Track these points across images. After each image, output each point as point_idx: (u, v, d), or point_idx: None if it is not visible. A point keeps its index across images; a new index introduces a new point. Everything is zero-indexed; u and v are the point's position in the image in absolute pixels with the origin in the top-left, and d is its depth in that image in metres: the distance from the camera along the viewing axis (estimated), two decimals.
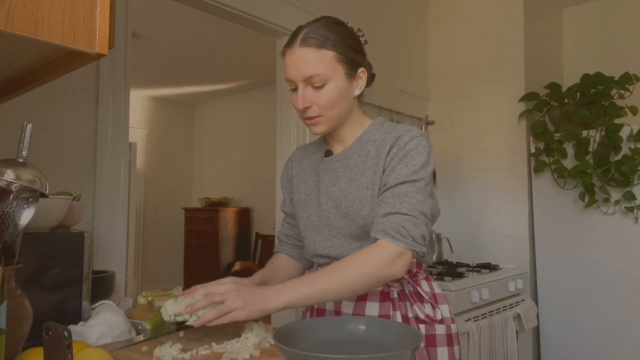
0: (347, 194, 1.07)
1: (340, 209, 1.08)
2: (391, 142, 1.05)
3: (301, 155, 1.25)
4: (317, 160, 1.18)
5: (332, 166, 1.13)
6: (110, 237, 1.74)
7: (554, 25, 3.23)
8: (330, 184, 1.11)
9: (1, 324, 0.64)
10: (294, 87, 1.06)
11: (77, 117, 1.70)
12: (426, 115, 3.23)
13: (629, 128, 2.50)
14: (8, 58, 0.79)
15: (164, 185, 6.38)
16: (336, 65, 1.03)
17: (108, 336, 0.99)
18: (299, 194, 1.19)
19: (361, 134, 1.12)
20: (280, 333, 0.84)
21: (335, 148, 1.16)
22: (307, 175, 1.19)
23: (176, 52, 4.58)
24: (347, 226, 1.08)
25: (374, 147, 1.08)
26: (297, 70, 1.02)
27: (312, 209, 1.14)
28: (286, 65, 1.05)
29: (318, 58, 1.01)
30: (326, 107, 1.04)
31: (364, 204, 1.05)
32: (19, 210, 0.75)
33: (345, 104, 1.07)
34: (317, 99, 1.03)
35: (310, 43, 1.01)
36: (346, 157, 1.12)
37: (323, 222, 1.11)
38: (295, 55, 1.02)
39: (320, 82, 1.02)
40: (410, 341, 0.81)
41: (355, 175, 1.08)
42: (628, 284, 2.50)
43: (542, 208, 2.80)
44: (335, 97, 1.03)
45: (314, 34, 1.02)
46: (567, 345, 2.68)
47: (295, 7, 2.36)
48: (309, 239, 1.15)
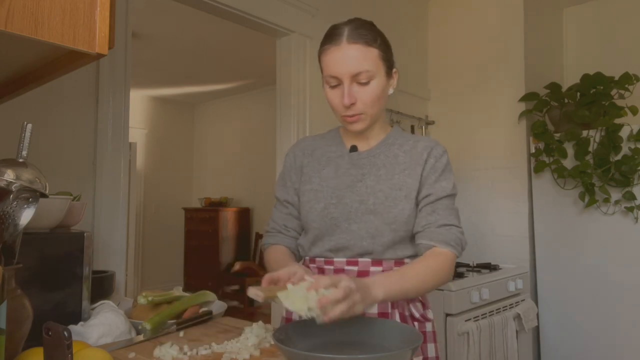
0: (375, 191, 1.09)
1: (367, 204, 1.09)
2: (426, 151, 1.13)
3: (312, 145, 1.23)
4: (335, 154, 1.18)
5: (358, 162, 1.15)
6: (110, 237, 1.74)
7: (554, 25, 3.23)
8: (356, 179, 1.12)
9: (1, 324, 0.64)
10: (335, 83, 1.07)
11: (77, 117, 1.70)
12: (426, 115, 3.23)
13: (629, 128, 2.50)
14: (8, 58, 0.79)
15: (164, 185, 6.37)
16: (380, 63, 1.07)
17: (108, 336, 0.99)
18: (311, 185, 1.17)
19: (386, 137, 1.17)
20: (280, 333, 0.84)
21: (360, 145, 1.17)
22: (321, 167, 1.18)
23: (176, 52, 4.58)
24: (369, 221, 1.08)
25: (401, 151, 1.14)
26: (345, 67, 1.04)
27: (329, 201, 1.12)
28: (329, 62, 1.06)
29: (366, 55, 1.04)
30: (370, 103, 1.07)
31: (396, 202, 1.08)
32: (19, 210, 0.75)
33: (384, 102, 1.12)
34: (362, 96, 1.06)
35: (357, 40, 1.04)
36: (373, 155, 1.15)
37: (344, 215, 1.10)
38: (342, 51, 1.04)
39: (366, 78, 1.05)
40: (410, 341, 0.81)
41: (384, 175, 1.11)
42: (628, 284, 2.50)
43: (542, 208, 2.80)
44: (378, 94, 1.07)
45: (359, 32, 1.05)
46: (567, 345, 2.68)
47: (295, 7, 2.36)
48: (325, 230, 1.12)
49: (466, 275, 2.39)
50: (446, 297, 2.13)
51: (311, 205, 1.14)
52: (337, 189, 1.13)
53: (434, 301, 2.16)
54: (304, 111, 2.40)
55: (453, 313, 2.13)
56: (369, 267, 1.10)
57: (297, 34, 2.36)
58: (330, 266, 1.12)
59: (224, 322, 1.17)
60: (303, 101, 2.39)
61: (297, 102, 2.37)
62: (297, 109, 2.37)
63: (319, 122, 2.42)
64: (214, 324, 1.16)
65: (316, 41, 2.47)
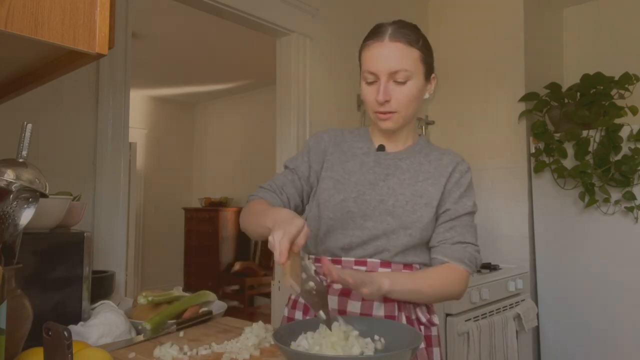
0: (397, 194, 1.10)
1: (386, 205, 1.09)
2: (452, 165, 1.14)
3: (340, 137, 1.22)
4: (361, 150, 1.18)
5: (384, 162, 1.15)
6: (110, 237, 1.74)
7: (554, 25, 3.23)
8: (379, 177, 1.13)
9: (1, 324, 0.64)
10: (372, 80, 1.07)
11: (77, 117, 1.70)
12: (426, 115, 3.23)
13: (629, 128, 2.50)
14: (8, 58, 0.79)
15: (164, 185, 6.37)
16: (419, 65, 1.07)
17: (108, 336, 0.99)
18: (332, 172, 1.15)
19: (414, 143, 1.18)
20: (280, 333, 0.84)
21: (387, 146, 1.18)
22: (346, 159, 1.17)
23: (176, 52, 4.58)
24: (386, 222, 1.08)
25: (426, 160, 1.15)
26: (385, 63, 1.04)
27: (348, 194, 1.11)
28: (370, 57, 1.07)
29: (407, 54, 1.05)
30: (404, 103, 1.07)
31: (416, 209, 1.09)
32: (19, 210, 0.75)
33: (419, 104, 1.11)
34: (398, 94, 1.06)
35: (400, 38, 1.05)
36: (399, 158, 1.15)
37: (361, 211, 1.10)
38: (384, 48, 1.05)
39: (404, 78, 1.05)
40: (410, 341, 0.81)
41: (408, 180, 1.12)
42: (628, 283, 2.50)
43: (542, 208, 2.80)
44: (413, 95, 1.07)
45: (402, 31, 1.06)
46: (567, 345, 2.68)
47: (295, 7, 2.36)
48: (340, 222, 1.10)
49: None
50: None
51: (330, 194, 1.12)
52: (359, 183, 1.12)
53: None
54: (304, 111, 2.40)
55: (453, 313, 2.13)
56: (377, 267, 1.09)
57: (297, 34, 2.36)
58: (338, 265, 1.10)
59: (224, 322, 1.17)
60: (303, 101, 2.39)
61: (297, 102, 2.37)
62: (297, 109, 2.37)
63: (319, 122, 2.42)
64: (214, 324, 1.16)
65: (316, 41, 2.49)
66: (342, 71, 2.56)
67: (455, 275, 1.06)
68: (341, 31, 2.58)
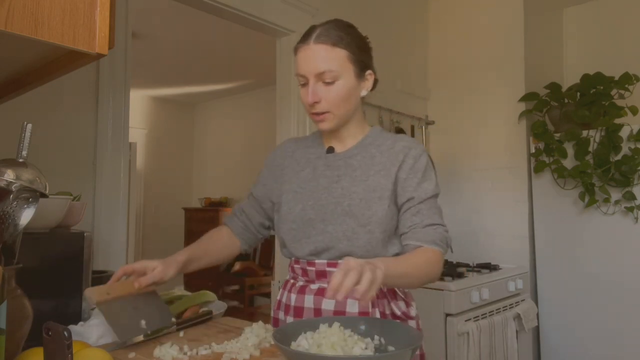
0: (351, 193, 1.10)
1: (342, 206, 1.10)
2: (403, 152, 1.12)
3: (293, 147, 1.26)
4: (314, 155, 1.20)
5: (334, 163, 1.16)
6: (110, 237, 1.74)
7: (554, 25, 3.23)
8: (332, 180, 1.14)
9: (1, 324, 0.64)
10: (304, 82, 1.09)
11: (77, 117, 1.70)
12: (426, 115, 3.23)
13: (629, 128, 2.50)
14: (8, 58, 0.79)
15: (164, 185, 6.37)
16: (347, 64, 1.07)
17: (108, 336, 0.99)
18: (290, 185, 1.19)
19: (363, 137, 1.17)
20: (280, 333, 0.84)
21: (336, 146, 1.19)
22: (300, 168, 1.20)
23: (176, 52, 4.58)
24: (345, 223, 1.09)
25: (378, 151, 1.14)
26: (310, 65, 1.06)
27: (307, 202, 1.14)
28: (298, 60, 1.09)
29: (331, 55, 1.06)
30: (335, 103, 1.08)
31: (370, 204, 1.09)
32: (19, 210, 0.75)
33: (353, 103, 1.12)
34: (327, 95, 1.07)
35: (324, 40, 1.06)
36: (349, 156, 1.15)
37: (320, 216, 1.12)
38: (309, 50, 1.07)
39: (331, 78, 1.06)
40: (410, 341, 0.81)
41: (360, 176, 1.12)
42: (628, 283, 2.50)
43: (542, 208, 2.79)
44: (344, 94, 1.08)
45: (328, 32, 1.07)
46: (567, 345, 2.68)
47: (295, 7, 2.36)
48: (301, 231, 1.14)
49: (466, 275, 2.38)
50: (446, 297, 2.13)
51: (290, 206, 1.16)
52: (315, 190, 1.14)
53: (433, 301, 2.16)
54: (304, 111, 2.39)
55: (453, 313, 2.13)
56: None
57: (297, 34, 2.35)
58: (312, 267, 1.13)
59: (224, 322, 1.17)
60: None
61: (297, 102, 2.37)
62: (297, 109, 2.37)
63: None
64: (214, 324, 1.16)
65: None
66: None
67: (432, 256, 1.05)
68: None
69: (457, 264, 2.76)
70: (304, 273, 1.15)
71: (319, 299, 1.11)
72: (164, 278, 1.06)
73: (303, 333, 0.85)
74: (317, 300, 1.12)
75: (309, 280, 1.15)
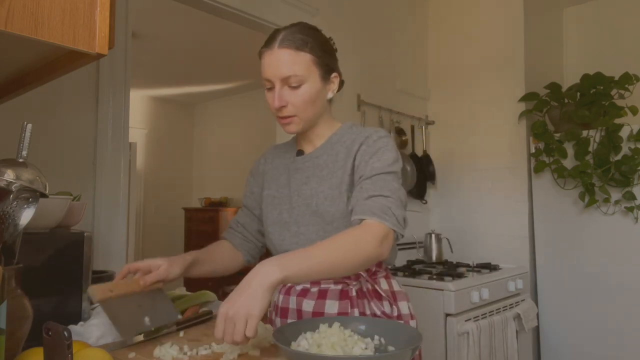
0: (317, 193, 1.11)
1: (311, 207, 1.11)
2: (360, 141, 1.10)
3: (273, 153, 1.29)
4: (288, 160, 1.22)
5: (303, 165, 1.17)
6: (110, 237, 1.74)
7: (554, 25, 3.23)
8: (301, 182, 1.15)
9: (1, 324, 0.64)
10: (270, 86, 1.10)
11: (77, 117, 1.70)
12: (426, 115, 3.23)
13: (629, 128, 2.50)
14: (8, 58, 0.79)
15: (164, 185, 6.37)
16: (312, 68, 1.08)
17: (108, 336, 0.99)
18: (270, 191, 1.21)
19: (331, 135, 1.18)
20: (280, 333, 0.84)
21: (306, 148, 1.20)
22: (279, 174, 1.22)
23: (176, 52, 4.58)
24: (316, 223, 1.10)
25: (343, 147, 1.13)
26: (275, 70, 1.07)
27: (283, 207, 1.16)
28: (263, 65, 1.10)
29: (296, 59, 1.06)
30: (301, 107, 1.08)
31: (333, 201, 1.09)
32: (19, 210, 0.75)
33: (319, 106, 1.12)
34: (293, 99, 1.07)
35: (288, 45, 1.06)
36: (316, 156, 1.16)
37: (293, 219, 1.13)
38: (274, 55, 1.07)
39: (297, 82, 1.06)
40: (410, 341, 0.81)
41: (326, 175, 1.12)
42: (628, 283, 2.50)
43: (542, 208, 2.79)
44: (310, 98, 1.08)
45: (292, 37, 1.07)
46: (567, 345, 2.68)
47: (295, 7, 2.36)
48: (277, 235, 1.16)
49: (466, 275, 2.38)
50: (446, 297, 2.13)
51: (268, 210, 1.19)
52: (288, 194, 1.16)
53: (433, 301, 2.16)
54: None
55: (453, 313, 2.13)
56: None
57: None
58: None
59: None
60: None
61: None
62: None
63: None
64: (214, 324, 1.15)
65: None
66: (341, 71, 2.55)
67: (364, 230, 0.94)
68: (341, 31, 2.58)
69: (457, 264, 2.76)
70: None
71: (300, 300, 1.14)
72: (169, 276, 1.06)
73: (303, 333, 0.85)
74: (299, 301, 1.14)
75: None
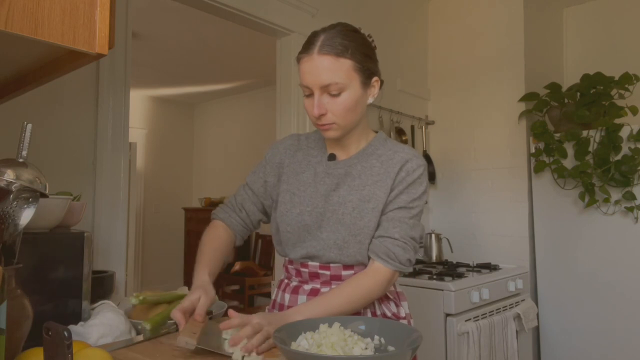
0: (346, 202, 1.09)
1: (337, 214, 1.09)
2: (400, 163, 1.11)
3: (295, 145, 1.23)
4: (315, 159, 1.18)
5: (334, 171, 1.14)
6: (110, 237, 1.74)
7: (554, 25, 3.23)
8: (330, 188, 1.12)
9: (1, 324, 0.64)
10: (308, 93, 1.06)
11: (77, 117, 1.70)
12: (426, 115, 3.23)
13: (629, 128, 2.50)
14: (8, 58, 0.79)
15: (164, 185, 6.37)
16: (353, 74, 1.04)
17: (108, 336, 0.99)
18: (289, 186, 1.17)
19: (365, 146, 1.15)
20: (280, 333, 0.84)
21: (338, 153, 1.17)
22: (301, 170, 1.18)
23: (176, 52, 4.58)
24: (338, 231, 1.09)
25: (378, 162, 1.12)
26: (315, 78, 1.03)
27: (304, 207, 1.13)
28: (302, 72, 1.05)
29: (336, 66, 1.02)
30: (341, 115, 1.05)
31: (363, 214, 1.08)
32: (19, 210, 0.75)
33: (359, 112, 1.09)
34: (333, 107, 1.04)
35: (328, 51, 1.02)
36: (349, 165, 1.13)
37: (316, 223, 1.11)
38: (313, 62, 1.03)
39: (337, 90, 1.03)
40: (410, 341, 0.81)
41: (357, 186, 1.11)
42: (628, 283, 2.50)
43: (542, 208, 2.79)
44: (350, 106, 1.05)
45: (331, 42, 1.02)
46: (567, 345, 2.68)
47: (295, 7, 2.36)
48: (296, 235, 1.13)
49: (466, 275, 2.38)
50: (446, 297, 2.13)
51: (287, 207, 1.15)
52: (313, 196, 1.13)
53: (433, 301, 2.16)
54: (304, 111, 2.39)
55: (453, 313, 2.13)
56: (340, 271, 1.11)
57: (297, 34, 2.36)
58: (306, 269, 1.14)
59: None
60: (303, 101, 2.39)
61: (297, 102, 2.37)
62: (297, 109, 2.37)
63: None
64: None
65: None
66: None
67: (371, 278, 1.05)
68: None
69: (457, 264, 2.76)
70: (297, 274, 1.16)
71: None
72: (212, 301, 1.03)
73: (303, 333, 0.85)
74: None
75: (303, 280, 1.15)
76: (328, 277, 1.11)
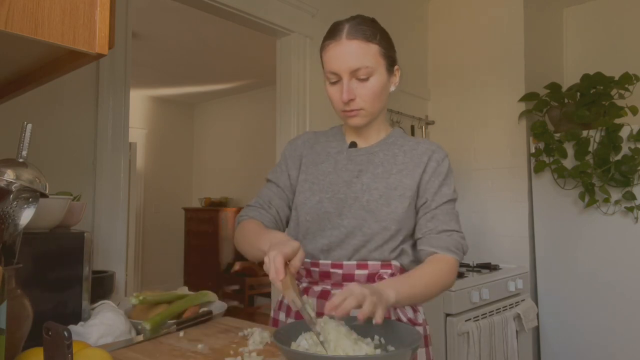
0: (371, 189, 1.09)
1: (361, 201, 1.09)
2: (427, 154, 1.13)
3: (312, 139, 1.24)
4: (334, 149, 1.19)
5: (356, 158, 1.15)
6: (110, 237, 1.74)
7: (554, 25, 3.23)
8: (352, 175, 1.13)
9: (1, 324, 0.64)
10: (334, 80, 1.07)
11: (77, 117, 1.70)
12: (426, 115, 3.23)
13: (629, 128, 2.50)
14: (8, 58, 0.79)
15: (164, 185, 6.37)
16: (380, 60, 1.06)
17: (108, 336, 0.99)
18: (307, 176, 1.17)
19: (386, 137, 1.17)
20: (280, 333, 0.84)
21: (358, 142, 1.18)
22: (320, 160, 1.18)
23: (176, 52, 4.58)
24: (361, 218, 1.08)
25: (400, 151, 1.14)
26: (344, 62, 1.04)
27: (323, 194, 1.12)
28: (329, 57, 1.07)
29: (365, 50, 1.04)
30: (369, 100, 1.07)
31: (390, 201, 1.08)
32: (19, 210, 0.75)
33: (384, 99, 1.11)
34: (362, 91, 1.06)
35: (357, 36, 1.04)
36: (371, 152, 1.15)
37: (337, 210, 1.10)
38: (341, 47, 1.04)
39: (366, 74, 1.04)
40: (410, 341, 0.81)
41: (381, 173, 1.11)
42: (628, 284, 2.50)
43: (542, 208, 2.79)
44: (378, 90, 1.07)
45: (359, 28, 1.05)
46: (567, 345, 2.68)
47: (295, 7, 2.36)
48: (316, 224, 1.11)
49: (466, 275, 2.38)
50: (446, 297, 2.13)
51: (306, 196, 1.14)
52: (333, 183, 1.13)
53: (433, 301, 2.15)
54: (304, 111, 2.40)
55: (453, 313, 2.13)
56: (353, 270, 1.09)
57: (297, 34, 2.36)
58: (317, 268, 1.12)
59: (224, 322, 1.17)
60: (303, 101, 2.39)
61: (297, 102, 2.37)
62: (297, 109, 2.37)
63: (318, 122, 2.41)
64: (214, 323, 1.15)
65: (316, 41, 2.48)
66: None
67: (444, 265, 1.04)
68: None
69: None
70: (307, 274, 1.14)
71: (321, 303, 1.09)
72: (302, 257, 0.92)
73: (303, 333, 0.85)
74: (319, 304, 1.09)
75: (313, 281, 1.14)
76: (340, 276, 1.09)
